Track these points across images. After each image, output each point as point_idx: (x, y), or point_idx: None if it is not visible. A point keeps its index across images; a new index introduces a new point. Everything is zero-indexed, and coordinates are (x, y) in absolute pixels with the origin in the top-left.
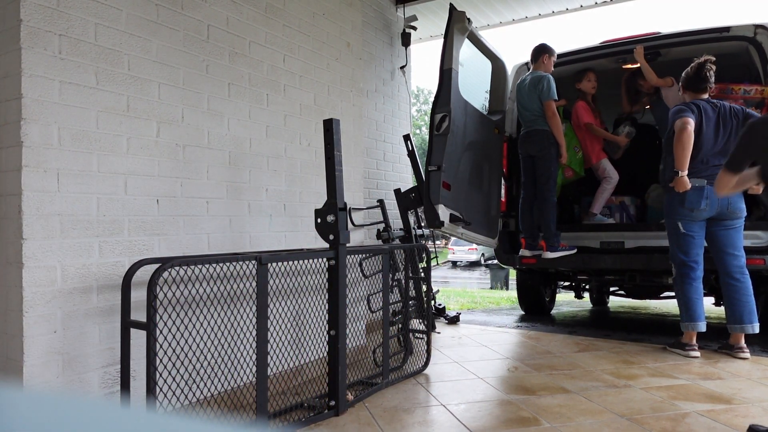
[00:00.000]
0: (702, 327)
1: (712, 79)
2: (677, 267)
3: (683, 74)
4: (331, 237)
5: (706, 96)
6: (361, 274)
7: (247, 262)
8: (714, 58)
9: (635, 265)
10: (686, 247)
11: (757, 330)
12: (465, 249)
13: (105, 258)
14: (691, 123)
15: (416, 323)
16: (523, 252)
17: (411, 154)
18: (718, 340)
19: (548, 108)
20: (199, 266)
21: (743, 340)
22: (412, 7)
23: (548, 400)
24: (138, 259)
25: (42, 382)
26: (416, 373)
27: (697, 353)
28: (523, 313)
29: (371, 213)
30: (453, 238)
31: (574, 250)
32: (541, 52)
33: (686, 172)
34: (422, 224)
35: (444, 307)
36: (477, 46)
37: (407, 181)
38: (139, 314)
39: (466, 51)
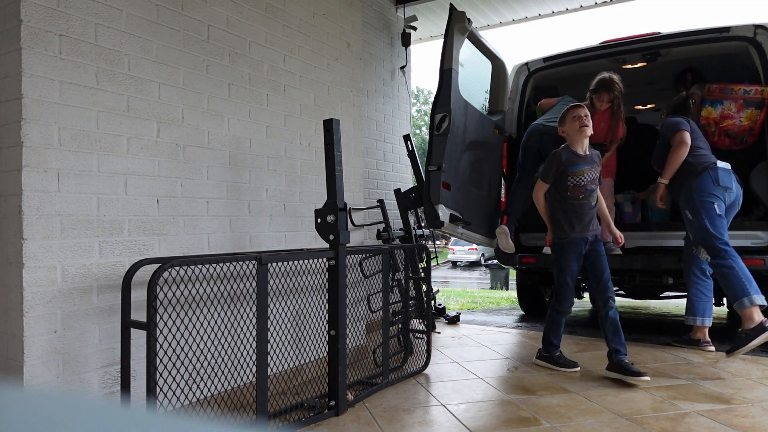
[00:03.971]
0: (760, 299)
1: (693, 108)
2: (716, 251)
3: (672, 101)
4: (331, 237)
5: None
6: (361, 274)
7: (247, 262)
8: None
9: (635, 265)
10: (722, 229)
11: (708, 324)
12: (465, 249)
13: (105, 258)
14: (689, 137)
15: (416, 323)
16: (502, 228)
17: (411, 154)
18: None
19: None
20: (200, 266)
21: (707, 334)
22: (412, 7)
23: (548, 400)
24: (138, 259)
25: (42, 382)
26: (416, 373)
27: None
28: (523, 313)
29: (371, 213)
30: (453, 238)
31: None
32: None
33: (667, 182)
34: (422, 224)
35: (444, 307)
36: (477, 46)
37: (407, 181)
38: (139, 314)
39: (466, 51)
